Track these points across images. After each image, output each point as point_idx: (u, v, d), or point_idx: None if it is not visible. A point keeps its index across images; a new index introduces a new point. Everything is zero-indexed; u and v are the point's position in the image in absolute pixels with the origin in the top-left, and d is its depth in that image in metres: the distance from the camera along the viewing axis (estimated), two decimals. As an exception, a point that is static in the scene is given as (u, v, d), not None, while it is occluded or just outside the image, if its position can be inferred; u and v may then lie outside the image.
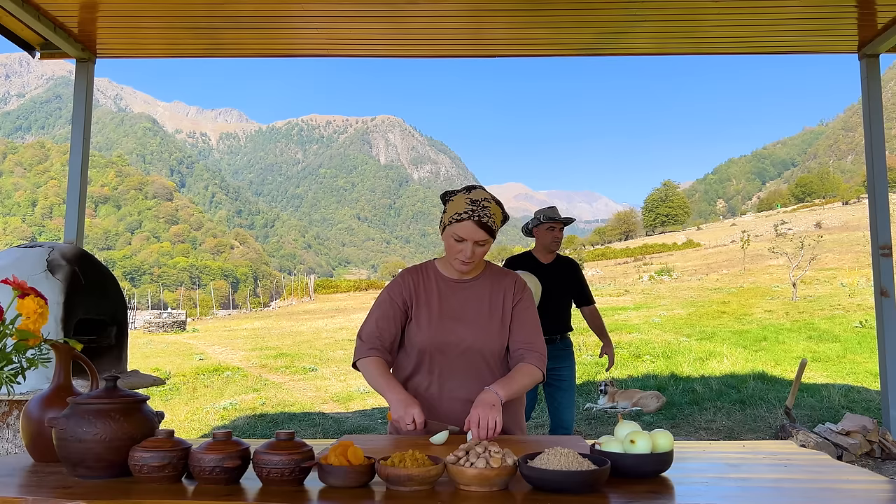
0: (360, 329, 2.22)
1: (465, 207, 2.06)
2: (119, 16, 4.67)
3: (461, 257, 2.10)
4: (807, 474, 1.58)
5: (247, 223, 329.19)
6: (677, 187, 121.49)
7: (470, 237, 2.06)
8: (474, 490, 1.35)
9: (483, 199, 2.07)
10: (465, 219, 2.05)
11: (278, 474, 1.39)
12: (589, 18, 4.79)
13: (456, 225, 2.07)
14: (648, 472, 1.47)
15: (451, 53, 5.49)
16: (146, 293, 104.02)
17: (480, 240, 2.08)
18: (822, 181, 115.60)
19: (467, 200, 2.07)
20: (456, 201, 2.10)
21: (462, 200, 2.08)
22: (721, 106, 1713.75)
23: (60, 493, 1.37)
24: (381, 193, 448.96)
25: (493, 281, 2.24)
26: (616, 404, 8.06)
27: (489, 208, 2.07)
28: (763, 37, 5.16)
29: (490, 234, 2.08)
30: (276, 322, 27.55)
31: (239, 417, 8.51)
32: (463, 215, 2.05)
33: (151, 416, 1.58)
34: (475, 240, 2.07)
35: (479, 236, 2.07)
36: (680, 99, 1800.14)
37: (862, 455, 5.32)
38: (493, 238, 2.11)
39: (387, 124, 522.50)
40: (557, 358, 4.22)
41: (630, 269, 42.09)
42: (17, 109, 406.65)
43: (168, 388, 10.90)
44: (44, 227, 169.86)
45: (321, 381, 11.62)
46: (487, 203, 2.07)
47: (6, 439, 3.61)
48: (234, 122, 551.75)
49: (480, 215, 2.04)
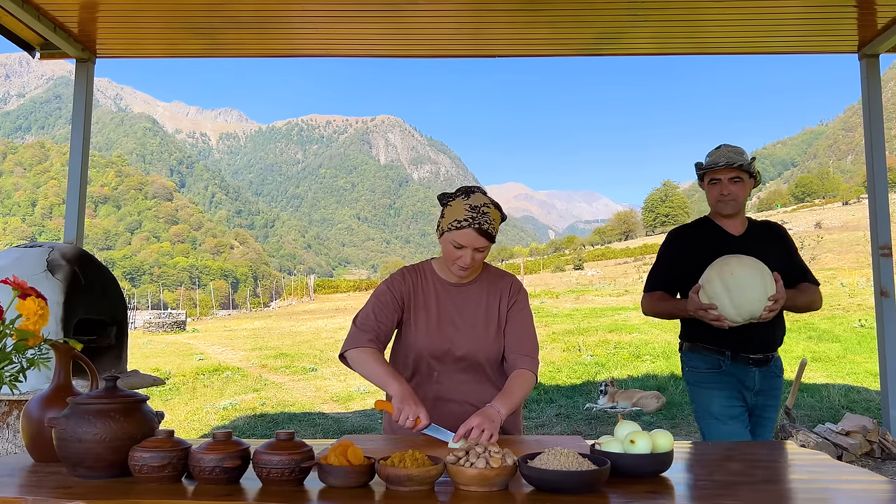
0: (356, 317, 2.16)
1: (465, 214, 2.03)
2: (119, 16, 4.67)
3: (460, 263, 2.08)
4: (807, 474, 1.58)
5: (247, 223, 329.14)
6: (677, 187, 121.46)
7: (470, 245, 2.05)
8: (474, 490, 1.35)
9: (482, 204, 2.05)
10: (466, 226, 2.02)
11: (278, 474, 1.39)
12: (589, 18, 4.79)
13: (456, 232, 2.04)
14: (648, 472, 1.47)
15: (451, 53, 5.49)
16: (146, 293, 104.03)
17: (480, 247, 2.06)
18: (822, 181, 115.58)
19: (467, 206, 2.04)
20: (455, 207, 2.06)
21: (461, 206, 2.05)
22: (721, 106, 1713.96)
23: (60, 493, 1.37)
24: (381, 193, 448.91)
25: (491, 283, 2.23)
26: (616, 404, 8.06)
27: (489, 214, 2.04)
28: (763, 37, 5.16)
29: (490, 240, 2.07)
30: (276, 322, 27.53)
31: (239, 417, 8.50)
32: (463, 223, 2.02)
33: (151, 416, 1.58)
34: (475, 247, 2.05)
35: (480, 244, 2.05)
36: (680, 99, 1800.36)
37: (862, 455, 5.31)
38: (492, 243, 2.09)
39: (387, 124, 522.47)
40: (764, 392, 2.73)
41: (630, 269, 42.08)
42: (17, 109, 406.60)
43: (168, 388, 10.89)
44: (44, 227, 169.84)
45: (321, 381, 11.61)
46: (487, 209, 2.05)
47: (6, 439, 3.61)
48: (234, 122, 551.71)
49: (481, 222, 2.02)
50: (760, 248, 2.67)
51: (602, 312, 19.99)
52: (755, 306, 2.40)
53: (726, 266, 2.43)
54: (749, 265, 2.42)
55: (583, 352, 12.55)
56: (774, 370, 2.78)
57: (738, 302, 2.39)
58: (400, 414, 1.88)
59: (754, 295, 2.39)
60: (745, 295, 2.39)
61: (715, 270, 2.46)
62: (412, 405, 1.88)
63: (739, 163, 2.65)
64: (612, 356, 12.35)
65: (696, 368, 2.77)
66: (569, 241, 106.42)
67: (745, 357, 2.68)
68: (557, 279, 42.65)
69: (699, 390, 2.76)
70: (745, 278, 2.39)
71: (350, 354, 2.09)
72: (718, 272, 2.44)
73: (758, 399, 2.74)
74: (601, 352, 12.93)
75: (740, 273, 2.40)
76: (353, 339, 2.10)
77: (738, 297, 2.39)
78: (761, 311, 2.41)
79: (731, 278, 2.40)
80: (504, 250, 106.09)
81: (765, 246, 2.71)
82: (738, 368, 2.70)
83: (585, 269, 48.26)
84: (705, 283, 2.48)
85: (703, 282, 2.50)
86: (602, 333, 15.21)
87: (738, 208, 2.74)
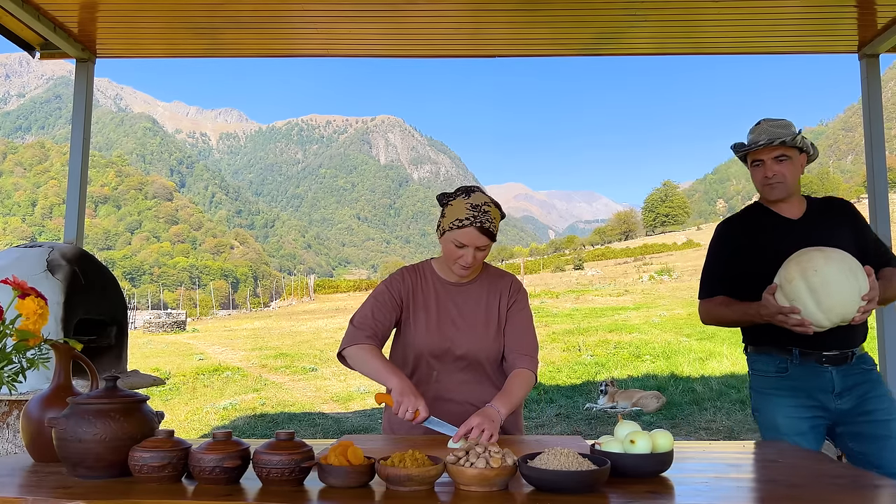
0: (354, 316, 2.17)
1: (467, 213, 2.03)
2: (119, 16, 4.67)
3: (462, 262, 2.09)
4: (806, 474, 1.58)
5: (247, 223, 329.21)
6: (677, 187, 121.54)
7: (472, 243, 2.05)
8: (474, 490, 1.35)
9: (483, 203, 2.05)
10: (467, 225, 2.03)
11: (278, 474, 1.39)
12: (589, 18, 4.79)
13: (457, 231, 2.05)
14: (648, 472, 1.47)
15: (451, 53, 5.48)
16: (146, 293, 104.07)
17: (482, 245, 2.07)
18: (822, 181, 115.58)
19: (468, 206, 2.04)
20: (456, 206, 2.07)
21: (462, 205, 2.05)
22: (721, 105, 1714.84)
23: (60, 493, 1.37)
24: (381, 193, 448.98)
25: (490, 283, 2.23)
26: (616, 404, 8.06)
27: (490, 213, 2.05)
28: (763, 37, 5.15)
29: (492, 238, 2.08)
30: (275, 322, 27.53)
31: (239, 417, 8.51)
32: (465, 221, 2.03)
33: (151, 416, 1.58)
34: (477, 245, 2.06)
35: (482, 242, 2.06)
36: (680, 99, 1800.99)
37: (862, 455, 5.31)
38: (493, 241, 2.10)
39: (387, 124, 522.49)
40: (852, 394, 2.32)
41: (630, 269, 42.08)
42: (17, 109, 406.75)
43: (168, 388, 10.90)
44: (44, 227, 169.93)
45: (321, 381, 11.62)
46: (488, 207, 2.05)
47: (6, 439, 3.61)
48: (234, 122, 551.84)
49: (482, 221, 2.03)
50: (827, 231, 2.32)
51: (602, 312, 20.01)
52: (847, 308, 2.06)
53: (809, 262, 2.07)
54: (837, 260, 2.07)
55: (583, 352, 12.56)
56: (861, 366, 2.34)
57: (827, 304, 2.05)
58: (399, 407, 1.88)
59: (845, 295, 2.05)
60: (833, 296, 2.04)
61: (795, 268, 2.10)
62: (411, 398, 1.89)
63: (782, 138, 2.29)
64: (612, 356, 12.36)
65: (761, 372, 2.43)
66: (569, 241, 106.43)
67: (818, 354, 2.30)
68: (557, 279, 42.67)
69: (762, 399, 2.41)
70: (834, 276, 2.04)
71: (348, 352, 2.09)
72: (800, 270, 2.08)
73: (845, 404, 2.29)
74: (601, 352, 12.94)
75: (827, 270, 2.04)
76: (351, 337, 2.11)
77: (826, 299, 2.04)
78: (854, 313, 2.07)
79: (816, 276, 2.04)
80: (504, 250, 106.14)
81: (832, 229, 2.34)
82: (809, 369, 2.32)
83: (585, 269, 48.28)
84: (784, 283, 2.12)
85: (780, 281, 2.14)
86: (602, 333, 15.22)
87: (789, 191, 2.37)
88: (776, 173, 2.34)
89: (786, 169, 2.34)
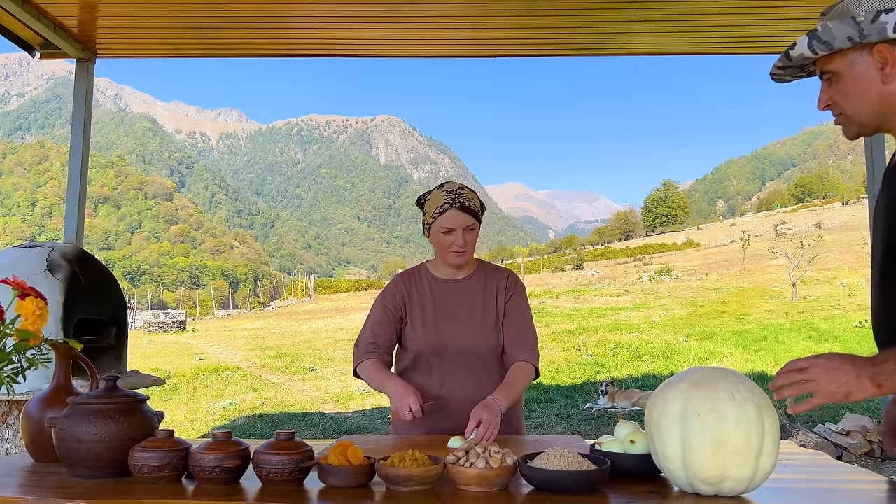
0: (357, 338, 2.25)
1: (444, 199, 2.10)
2: (119, 16, 4.67)
3: (454, 249, 2.12)
4: (807, 474, 1.58)
5: (247, 223, 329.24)
6: (677, 187, 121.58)
7: (458, 225, 2.10)
8: (474, 490, 1.35)
9: (458, 188, 2.14)
10: (448, 208, 2.09)
11: (278, 474, 1.39)
12: (589, 18, 4.79)
13: (440, 217, 2.11)
14: (648, 472, 1.47)
15: (451, 53, 5.49)
16: (146, 293, 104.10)
17: (468, 225, 2.12)
18: (822, 181, 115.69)
19: (443, 193, 2.12)
20: (433, 198, 2.15)
21: (438, 195, 2.13)
22: (721, 106, 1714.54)
23: (60, 493, 1.37)
24: (380, 193, 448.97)
25: (487, 278, 2.25)
26: (616, 404, 8.06)
27: (465, 194, 2.12)
28: (763, 37, 5.16)
29: (476, 217, 2.13)
30: (275, 322, 27.54)
31: (239, 417, 8.51)
32: (445, 206, 2.10)
33: (151, 416, 1.58)
34: (463, 226, 2.11)
35: (467, 221, 2.11)
36: (680, 99, 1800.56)
37: (862, 455, 5.32)
38: (479, 222, 2.15)
39: (387, 124, 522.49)
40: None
41: (630, 269, 42.07)
42: (17, 109, 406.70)
43: (168, 388, 10.90)
44: (44, 227, 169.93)
45: (321, 381, 11.62)
46: (463, 190, 2.13)
47: (6, 439, 3.61)
48: (233, 122, 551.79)
49: (461, 201, 2.09)
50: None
51: (602, 312, 20.02)
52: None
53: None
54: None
55: (583, 352, 12.56)
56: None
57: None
58: (399, 412, 1.94)
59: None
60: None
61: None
62: (403, 398, 1.94)
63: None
64: (612, 356, 12.36)
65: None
66: (569, 241, 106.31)
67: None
68: (557, 279, 42.66)
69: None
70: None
71: (359, 371, 2.18)
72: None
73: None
74: (601, 352, 12.94)
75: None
76: (356, 357, 2.20)
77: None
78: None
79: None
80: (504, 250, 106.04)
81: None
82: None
83: (585, 269, 48.24)
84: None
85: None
86: (602, 333, 15.22)
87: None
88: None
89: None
